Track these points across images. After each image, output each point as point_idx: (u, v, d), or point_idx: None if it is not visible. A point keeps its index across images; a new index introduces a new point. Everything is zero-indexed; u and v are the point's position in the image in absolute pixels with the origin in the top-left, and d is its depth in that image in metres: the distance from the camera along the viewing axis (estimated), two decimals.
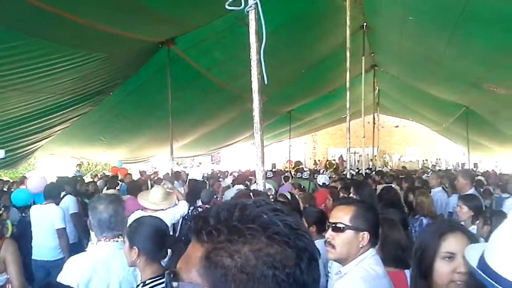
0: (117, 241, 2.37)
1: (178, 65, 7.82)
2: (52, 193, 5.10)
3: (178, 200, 4.50)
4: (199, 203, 5.84)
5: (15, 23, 4.91)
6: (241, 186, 6.89)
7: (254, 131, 2.95)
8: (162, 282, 2.02)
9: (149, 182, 8.54)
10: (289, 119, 16.11)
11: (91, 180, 10.23)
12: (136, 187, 5.99)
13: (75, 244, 5.48)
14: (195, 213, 4.89)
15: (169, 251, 2.20)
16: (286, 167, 20.72)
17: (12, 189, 7.56)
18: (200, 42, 7.68)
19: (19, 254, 3.15)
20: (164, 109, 8.45)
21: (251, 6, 2.76)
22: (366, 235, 1.87)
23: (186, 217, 4.61)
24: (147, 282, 2.05)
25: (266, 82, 2.82)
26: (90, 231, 3.12)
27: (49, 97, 7.40)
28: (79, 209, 5.80)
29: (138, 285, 2.10)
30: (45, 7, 4.68)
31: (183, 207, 4.42)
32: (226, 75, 9.16)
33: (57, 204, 5.08)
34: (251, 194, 2.92)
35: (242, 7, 2.78)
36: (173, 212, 4.35)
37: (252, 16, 2.82)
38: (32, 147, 9.36)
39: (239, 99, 10.68)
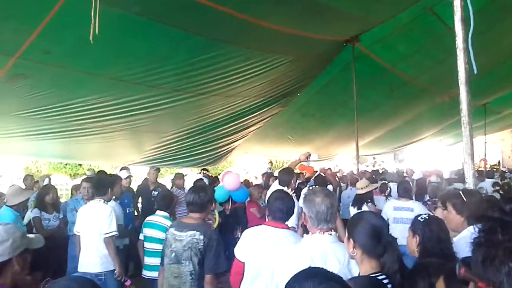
0: (331, 234, 2.48)
1: (362, 62, 7.81)
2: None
3: None
4: (427, 198, 7.53)
5: (212, 33, 5.49)
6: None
7: (462, 125, 2.79)
8: (383, 279, 2.04)
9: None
10: (483, 113, 14.61)
11: None
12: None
13: None
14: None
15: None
16: (480, 167, 18.85)
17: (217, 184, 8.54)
18: (385, 37, 7.53)
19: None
20: (348, 107, 8.53)
21: None
22: None
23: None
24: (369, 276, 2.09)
25: (475, 71, 2.66)
26: None
27: (243, 101, 8.11)
28: None
29: None
30: (238, 15, 5.12)
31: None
32: (412, 69, 8.79)
33: None
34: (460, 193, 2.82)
35: None
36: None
37: (457, 2, 2.68)
38: (230, 146, 10.37)
39: (426, 93, 10.15)
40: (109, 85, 6.04)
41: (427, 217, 2.63)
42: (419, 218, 2.66)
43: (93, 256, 4.64)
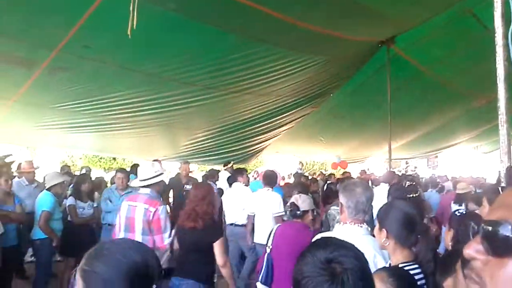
0: (361, 226, 2.48)
1: (397, 64, 7.72)
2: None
3: None
4: None
5: (247, 31, 5.57)
6: None
7: (499, 123, 2.74)
8: (414, 268, 2.04)
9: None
10: None
11: (312, 177, 10.90)
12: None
13: None
14: None
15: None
16: None
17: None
18: (421, 39, 7.42)
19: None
20: (382, 109, 8.43)
21: None
22: None
23: None
24: (399, 266, 2.07)
25: None
26: None
27: (276, 100, 8.14)
28: None
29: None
30: (275, 14, 5.14)
31: None
32: (448, 71, 8.63)
33: None
34: None
35: None
36: None
37: None
38: (262, 145, 10.43)
39: (462, 96, 9.94)
40: (145, 80, 6.19)
41: (464, 212, 2.60)
42: (456, 212, 2.63)
43: (265, 230, 5.60)
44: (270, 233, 3.84)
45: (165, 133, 8.53)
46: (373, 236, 2.32)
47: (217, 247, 3.61)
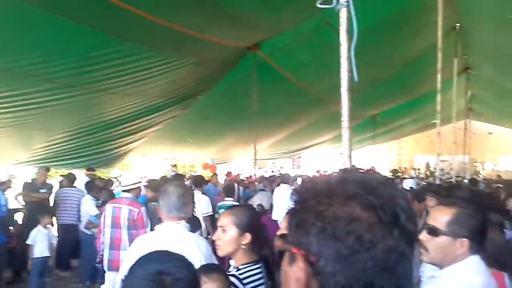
0: (178, 223, 2.55)
1: (263, 69, 8.01)
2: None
3: None
4: None
5: (114, 29, 5.32)
6: None
7: (341, 129, 2.97)
8: (256, 268, 2.11)
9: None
10: (373, 123, 15.68)
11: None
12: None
13: None
14: None
15: None
16: None
17: (110, 187, 8.13)
18: (285, 46, 7.79)
19: None
20: (249, 111, 8.68)
21: (342, 4, 2.78)
22: (465, 243, 1.73)
23: None
24: (240, 267, 2.11)
25: (356, 79, 2.84)
26: None
27: (143, 101, 7.88)
28: None
29: (231, 271, 2.14)
30: (143, 14, 4.99)
31: None
32: (309, 78, 9.19)
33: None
34: None
35: (333, 5, 2.81)
36: None
37: (343, 14, 2.84)
38: (127, 148, 10.01)
39: (321, 101, 10.66)
40: None
41: None
42: None
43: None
44: None
45: (18, 134, 7.69)
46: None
47: None
